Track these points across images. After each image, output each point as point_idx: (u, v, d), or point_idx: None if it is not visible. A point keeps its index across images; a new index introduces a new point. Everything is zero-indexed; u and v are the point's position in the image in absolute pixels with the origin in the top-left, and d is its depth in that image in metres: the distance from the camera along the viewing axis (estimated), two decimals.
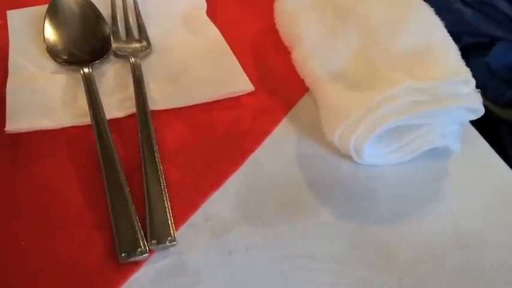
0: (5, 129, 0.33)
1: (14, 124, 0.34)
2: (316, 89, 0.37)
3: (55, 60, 0.38)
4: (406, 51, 0.35)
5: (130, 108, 0.36)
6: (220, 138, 0.35)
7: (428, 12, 0.37)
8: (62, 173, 0.32)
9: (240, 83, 0.38)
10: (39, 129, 0.34)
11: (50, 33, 0.40)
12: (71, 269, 0.27)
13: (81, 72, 0.37)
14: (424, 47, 0.35)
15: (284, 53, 0.42)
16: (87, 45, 0.39)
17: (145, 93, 0.36)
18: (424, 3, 0.38)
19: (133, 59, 0.39)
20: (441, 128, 0.33)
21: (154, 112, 0.35)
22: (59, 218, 0.30)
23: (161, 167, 0.32)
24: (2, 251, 0.28)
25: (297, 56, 0.40)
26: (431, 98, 0.32)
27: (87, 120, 0.34)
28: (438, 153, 0.34)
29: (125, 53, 0.39)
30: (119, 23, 0.42)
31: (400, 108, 0.32)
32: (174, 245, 0.28)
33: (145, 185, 0.31)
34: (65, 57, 0.38)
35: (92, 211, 0.30)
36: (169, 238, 0.28)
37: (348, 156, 0.34)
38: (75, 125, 0.35)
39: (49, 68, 0.38)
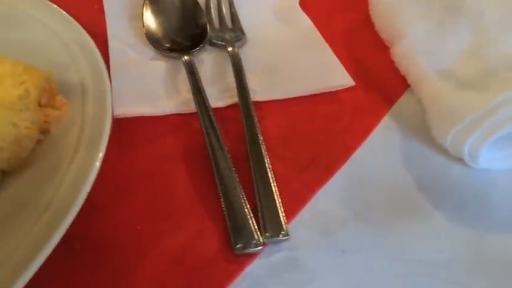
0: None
1: (119, 109, 0.34)
2: (421, 87, 0.36)
3: (154, 46, 0.38)
4: None
5: (230, 98, 0.36)
6: (321, 133, 0.35)
7: None
8: (168, 160, 0.32)
9: (340, 77, 0.37)
10: (142, 115, 0.34)
11: (150, 19, 0.40)
12: (187, 257, 0.27)
13: (183, 59, 0.37)
14: None
15: (380, 47, 0.41)
16: (186, 32, 0.39)
17: (246, 83, 0.36)
18: None
19: (231, 48, 0.38)
20: None
21: (254, 103, 0.35)
22: (169, 205, 0.30)
23: (268, 160, 0.31)
24: (120, 234, 0.28)
25: (399, 51, 0.38)
26: None
27: (190, 108, 0.34)
28: None
29: (221, 42, 0.39)
30: (212, 12, 0.42)
31: None
32: (287, 239, 0.28)
33: (254, 177, 0.30)
34: (167, 44, 0.38)
35: (202, 200, 0.30)
36: (282, 232, 0.28)
37: (456, 158, 0.33)
38: (178, 112, 0.35)
39: (148, 55, 0.39)
